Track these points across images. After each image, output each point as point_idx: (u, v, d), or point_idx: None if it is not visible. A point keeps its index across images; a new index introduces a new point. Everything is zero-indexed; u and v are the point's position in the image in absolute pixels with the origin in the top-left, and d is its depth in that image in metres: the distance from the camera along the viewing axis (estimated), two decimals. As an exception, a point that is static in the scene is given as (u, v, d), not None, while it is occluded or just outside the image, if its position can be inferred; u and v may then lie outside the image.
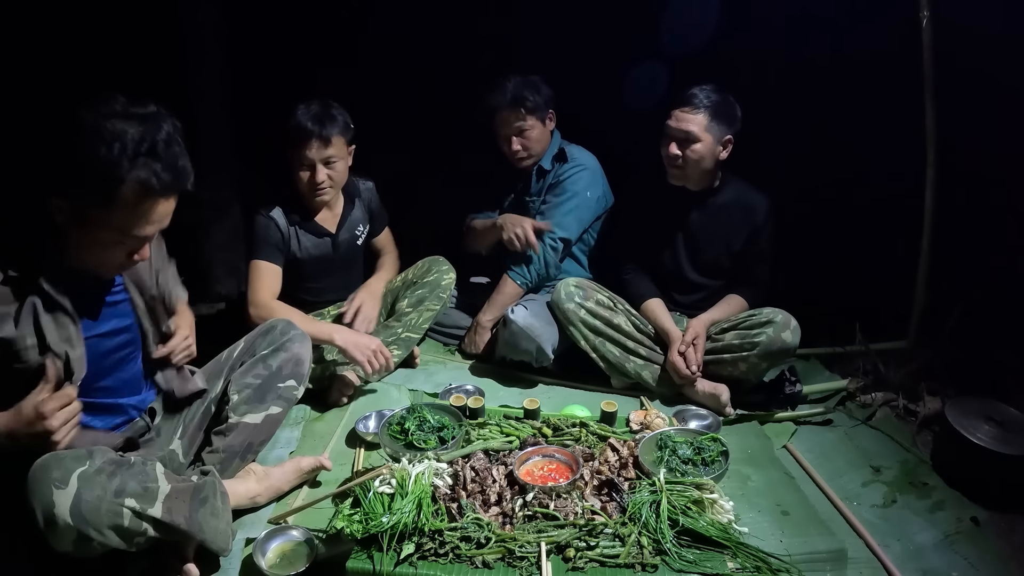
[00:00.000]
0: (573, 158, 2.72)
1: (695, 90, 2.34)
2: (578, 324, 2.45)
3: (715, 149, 2.35)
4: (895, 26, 2.47)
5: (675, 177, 2.43)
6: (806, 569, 1.64)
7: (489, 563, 1.58)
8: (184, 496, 1.52)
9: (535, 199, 2.79)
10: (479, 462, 1.86)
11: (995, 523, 1.88)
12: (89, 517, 1.36)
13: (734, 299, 2.50)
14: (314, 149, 2.24)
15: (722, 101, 2.33)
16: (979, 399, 2.15)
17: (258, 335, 1.92)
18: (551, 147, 2.76)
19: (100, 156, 1.34)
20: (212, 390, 1.84)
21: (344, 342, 2.24)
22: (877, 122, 2.69)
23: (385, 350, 2.29)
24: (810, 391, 2.49)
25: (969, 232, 2.59)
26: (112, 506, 1.40)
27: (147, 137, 1.37)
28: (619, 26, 2.92)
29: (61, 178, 1.37)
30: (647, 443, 1.95)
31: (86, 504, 1.36)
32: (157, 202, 1.42)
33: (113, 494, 1.40)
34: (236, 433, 1.77)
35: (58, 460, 1.40)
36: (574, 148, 2.77)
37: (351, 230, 2.53)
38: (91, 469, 1.41)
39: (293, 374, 1.88)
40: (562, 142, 2.78)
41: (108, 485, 1.41)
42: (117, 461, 1.48)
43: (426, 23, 3.07)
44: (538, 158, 2.74)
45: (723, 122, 2.33)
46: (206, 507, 1.55)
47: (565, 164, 2.72)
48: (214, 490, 1.60)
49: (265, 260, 2.33)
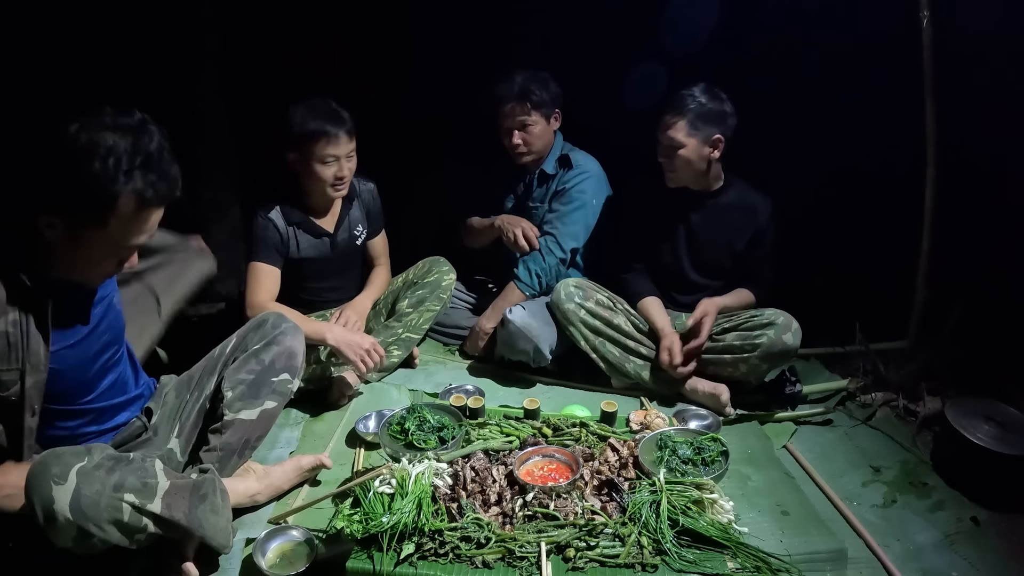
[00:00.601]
0: (578, 164, 2.71)
1: (681, 93, 2.34)
2: (578, 324, 2.45)
3: (702, 151, 2.35)
4: (895, 26, 2.47)
5: (670, 180, 2.45)
6: (806, 569, 1.64)
7: (489, 563, 1.58)
8: (183, 492, 1.52)
9: (539, 205, 2.77)
10: (479, 462, 1.86)
11: (995, 523, 1.88)
12: (89, 512, 1.37)
13: (743, 291, 2.51)
14: (342, 144, 2.26)
15: (707, 103, 2.31)
16: (979, 399, 2.15)
17: (249, 330, 1.91)
18: (554, 150, 2.75)
19: (95, 172, 1.33)
20: (206, 387, 1.84)
21: (336, 341, 2.23)
22: (877, 121, 2.69)
23: (379, 348, 2.28)
24: (810, 391, 2.49)
25: (969, 232, 2.59)
26: (111, 501, 1.40)
27: (139, 149, 1.37)
28: (619, 24, 2.92)
29: (54, 196, 1.37)
30: (647, 443, 1.95)
31: (85, 499, 1.37)
32: (152, 212, 1.43)
33: (112, 489, 1.41)
34: (233, 430, 1.77)
35: (56, 456, 1.40)
36: (579, 154, 2.75)
37: (349, 230, 2.53)
38: (90, 465, 1.41)
39: (287, 368, 1.87)
40: (565, 146, 2.77)
41: (107, 480, 1.41)
42: (116, 457, 1.48)
43: (426, 23, 3.07)
44: (538, 157, 2.73)
45: (708, 124, 2.31)
46: (206, 504, 1.55)
47: (570, 171, 2.70)
48: (214, 487, 1.60)
49: (263, 262, 2.33)
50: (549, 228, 2.70)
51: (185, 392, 1.84)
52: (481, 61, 2.94)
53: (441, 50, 3.06)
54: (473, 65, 2.94)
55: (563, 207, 2.69)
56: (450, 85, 3.01)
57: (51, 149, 1.35)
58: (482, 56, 2.99)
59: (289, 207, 2.38)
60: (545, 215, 2.74)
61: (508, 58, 2.81)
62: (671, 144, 2.34)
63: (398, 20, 3.12)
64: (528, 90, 2.59)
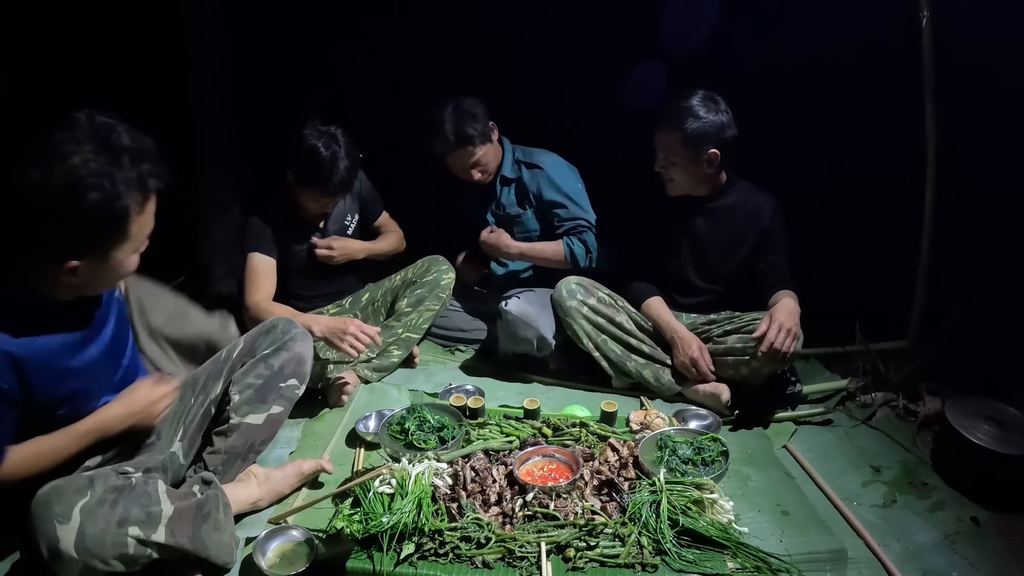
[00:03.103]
0: (543, 163, 2.70)
1: (679, 104, 2.29)
2: (580, 321, 2.45)
3: (698, 166, 2.33)
4: (895, 26, 2.47)
5: (670, 189, 2.44)
6: (806, 569, 1.64)
7: (489, 563, 1.58)
8: (187, 515, 1.52)
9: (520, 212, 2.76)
10: (479, 462, 1.86)
11: (995, 523, 1.88)
12: (94, 550, 1.37)
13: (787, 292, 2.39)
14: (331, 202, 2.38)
15: (702, 116, 2.27)
16: (979, 399, 2.15)
17: (259, 334, 1.90)
18: (505, 154, 2.75)
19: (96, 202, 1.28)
20: (212, 391, 1.83)
21: (322, 331, 2.21)
22: (877, 122, 2.69)
23: (368, 328, 2.24)
24: (810, 391, 2.49)
25: (969, 232, 2.59)
26: (117, 537, 1.40)
27: (114, 150, 1.30)
28: (619, 27, 2.91)
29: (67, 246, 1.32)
30: (647, 443, 1.95)
31: (91, 538, 1.37)
32: (153, 197, 1.41)
33: (117, 524, 1.41)
34: (238, 434, 1.77)
35: (59, 494, 1.40)
36: (537, 153, 2.74)
37: (339, 221, 2.53)
38: (92, 500, 1.41)
39: (295, 373, 1.87)
40: (517, 149, 2.77)
41: (111, 516, 1.41)
42: (118, 488, 1.47)
43: (426, 23, 3.07)
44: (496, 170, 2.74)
45: (702, 142, 2.28)
46: (209, 522, 1.55)
47: (537, 170, 2.70)
48: (216, 503, 1.60)
49: (260, 252, 2.33)
50: (560, 228, 2.69)
51: (190, 395, 1.82)
52: (481, 61, 2.95)
53: (441, 50, 3.05)
54: (473, 65, 2.95)
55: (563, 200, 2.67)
56: (450, 85, 3.01)
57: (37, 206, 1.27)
58: (482, 56, 2.99)
59: (282, 204, 2.38)
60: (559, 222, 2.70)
61: (509, 58, 2.81)
62: (666, 158, 2.34)
63: (398, 20, 3.12)
64: (465, 135, 2.57)
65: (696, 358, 2.36)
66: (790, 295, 2.36)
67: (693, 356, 2.36)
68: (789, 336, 2.17)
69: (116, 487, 1.47)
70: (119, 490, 1.47)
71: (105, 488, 1.45)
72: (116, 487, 1.47)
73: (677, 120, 2.29)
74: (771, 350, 2.17)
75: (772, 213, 2.45)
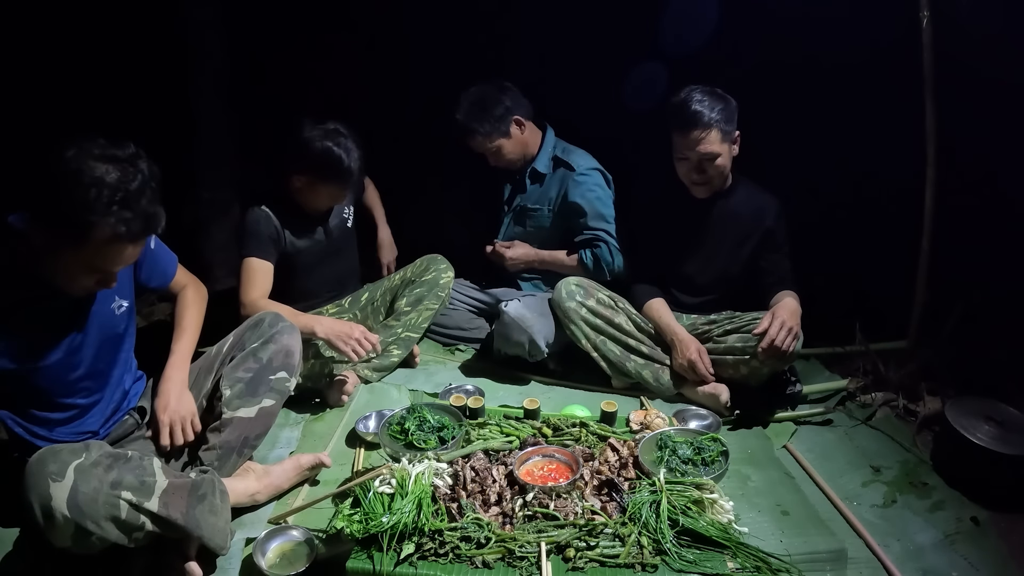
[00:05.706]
0: (579, 165, 2.67)
1: (695, 106, 2.26)
2: (579, 322, 2.45)
3: (731, 152, 2.36)
4: (895, 26, 2.47)
5: (701, 192, 2.42)
6: (806, 569, 1.64)
7: (489, 563, 1.58)
8: (182, 492, 1.53)
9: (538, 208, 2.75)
10: (479, 462, 1.86)
11: (995, 523, 1.88)
12: (86, 509, 1.38)
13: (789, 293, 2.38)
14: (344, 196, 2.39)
15: (718, 103, 2.28)
16: (979, 399, 2.15)
17: (247, 329, 1.91)
18: (545, 147, 2.72)
19: (75, 200, 1.37)
20: (204, 386, 1.85)
21: (326, 333, 2.21)
22: (877, 122, 2.68)
23: (370, 335, 2.25)
24: (810, 391, 2.49)
25: (969, 232, 2.58)
26: (109, 498, 1.41)
27: (122, 185, 1.40)
28: (619, 27, 2.91)
29: (39, 210, 1.41)
30: (647, 443, 1.95)
31: (83, 496, 1.38)
32: (126, 247, 1.46)
33: (110, 486, 1.42)
34: (232, 428, 1.77)
35: (54, 453, 1.42)
36: (577, 155, 2.71)
37: (339, 214, 2.53)
38: (87, 462, 1.43)
39: (284, 366, 1.87)
40: (559, 143, 2.75)
41: (105, 477, 1.42)
42: (114, 455, 1.49)
43: (425, 23, 3.07)
44: (525, 160, 2.72)
45: (730, 125, 2.31)
46: (204, 504, 1.55)
47: (572, 173, 2.67)
48: (213, 488, 1.60)
49: (257, 257, 2.31)
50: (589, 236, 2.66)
51: None
52: (481, 61, 2.95)
53: (440, 50, 3.05)
54: (473, 65, 2.94)
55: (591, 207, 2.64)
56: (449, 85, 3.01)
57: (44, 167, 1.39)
58: (482, 56, 2.99)
59: (282, 201, 2.36)
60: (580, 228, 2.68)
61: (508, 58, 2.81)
62: (707, 157, 2.30)
63: (397, 20, 3.12)
64: (468, 128, 2.57)
65: (694, 360, 2.36)
66: (792, 295, 2.36)
67: (691, 358, 2.36)
68: (790, 334, 2.17)
69: (112, 454, 1.50)
70: (115, 457, 1.49)
71: (100, 453, 1.47)
72: (112, 454, 1.50)
73: (701, 115, 2.25)
74: (771, 347, 2.17)
75: (776, 213, 2.45)
